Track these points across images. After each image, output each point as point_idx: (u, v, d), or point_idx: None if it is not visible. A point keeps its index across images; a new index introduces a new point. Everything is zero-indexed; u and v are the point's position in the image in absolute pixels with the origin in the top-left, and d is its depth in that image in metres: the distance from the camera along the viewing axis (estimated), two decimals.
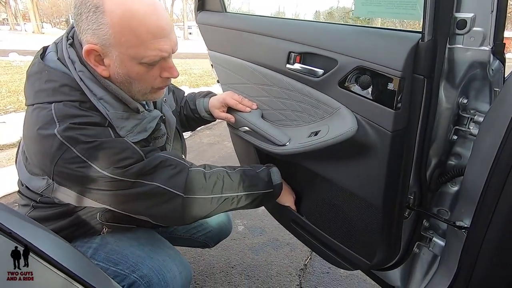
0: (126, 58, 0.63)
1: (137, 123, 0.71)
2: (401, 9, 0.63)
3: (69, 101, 0.63)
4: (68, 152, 0.60)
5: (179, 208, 0.70)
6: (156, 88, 0.72)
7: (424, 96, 0.62)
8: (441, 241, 0.77)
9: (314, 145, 0.78)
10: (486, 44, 0.56)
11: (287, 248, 1.61)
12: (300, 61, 0.82)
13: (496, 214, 0.57)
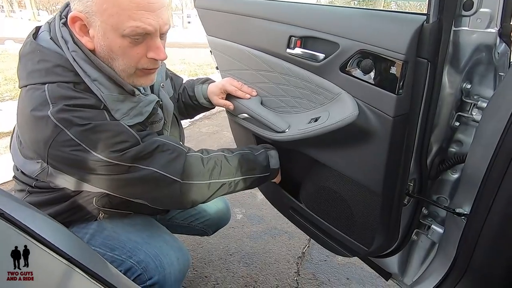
0: (108, 28, 0.60)
1: (133, 106, 0.69)
2: None
3: (63, 82, 0.61)
4: (62, 134, 0.58)
5: (177, 193, 0.69)
6: (142, 70, 0.67)
7: (427, 81, 0.60)
8: (439, 229, 0.77)
9: (314, 132, 0.76)
10: (493, 26, 0.54)
11: (285, 236, 1.62)
12: (301, 45, 0.80)
13: (497, 201, 0.57)
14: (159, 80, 0.84)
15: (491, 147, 0.56)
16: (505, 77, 0.55)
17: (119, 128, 0.64)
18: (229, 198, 1.93)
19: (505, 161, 0.53)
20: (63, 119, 0.58)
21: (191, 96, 1.03)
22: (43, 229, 0.47)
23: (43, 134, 0.59)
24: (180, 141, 0.97)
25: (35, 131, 0.60)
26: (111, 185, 0.66)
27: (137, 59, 0.65)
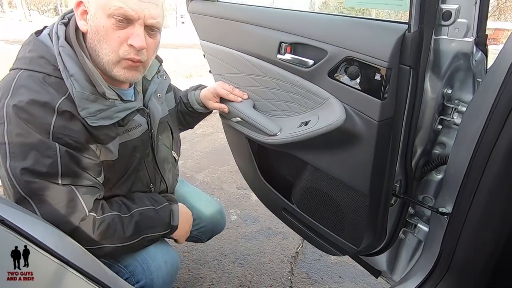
0: (99, 8, 0.65)
1: (103, 108, 0.69)
2: (390, 0, 0.64)
3: (37, 71, 0.65)
4: (1, 127, 0.61)
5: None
6: (126, 61, 0.69)
7: (410, 87, 0.63)
8: (425, 227, 0.80)
9: (304, 135, 0.79)
10: (469, 35, 0.57)
11: (279, 237, 1.65)
12: (291, 51, 0.82)
13: (475, 200, 0.60)
14: (153, 89, 0.85)
15: (470, 149, 0.59)
16: (482, 83, 0.58)
17: (48, 151, 0.62)
18: (223, 200, 1.96)
19: (483, 163, 0.56)
20: (10, 115, 0.61)
21: (185, 103, 1.05)
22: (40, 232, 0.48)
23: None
24: (173, 150, 0.97)
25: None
26: (3, 185, 0.65)
27: (118, 43, 0.67)
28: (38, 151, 0.61)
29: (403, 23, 0.62)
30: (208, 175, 2.30)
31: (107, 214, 0.71)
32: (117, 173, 0.78)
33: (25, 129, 0.61)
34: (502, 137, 0.53)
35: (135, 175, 0.82)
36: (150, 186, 0.88)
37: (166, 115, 0.92)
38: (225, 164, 2.45)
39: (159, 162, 0.89)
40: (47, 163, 0.62)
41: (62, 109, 0.64)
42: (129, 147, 0.77)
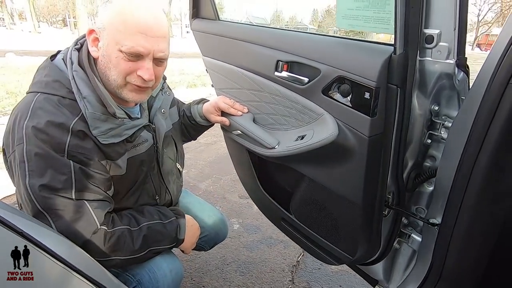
0: (111, 41, 0.69)
1: (113, 127, 0.74)
2: (376, 23, 0.68)
3: (52, 94, 0.70)
4: (20, 147, 0.66)
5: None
6: (131, 85, 0.73)
7: (398, 104, 0.67)
8: (418, 237, 0.83)
9: (300, 149, 0.83)
10: (451, 57, 0.61)
11: (281, 246, 1.67)
12: (287, 69, 0.87)
13: (462, 211, 0.63)
14: (157, 106, 0.90)
15: (456, 162, 0.63)
16: (465, 100, 0.62)
17: (63, 169, 0.66)
18: (225, 209, 2.00)
19: (466, 175, 0.60)
20: (29, 136, 0.66)
21: (188, 116, 1.10)
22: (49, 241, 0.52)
23: (14, 136, 0.68)
24: (177, 162, 1.02)
25: (12, 124, 0.70)
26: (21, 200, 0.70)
27: (127, 72, 0.72)
28: (54, 169, 0.66)
29: (389, 45, 0.66)
30: (211, 184, 2.34)
31: (117, 227, 0.75)
32: (125, 186, 0.82)
33: (43, 149, 0.65)
34: (483, 150, 0.56)
35: (142, 188, 0.87)
36: (156, 197, 0.92)
37: (170, 129, 0.97)
38: (228, 173, 2.49)
39: (164, 175, 0.94)
40: (62, 180, 0.66)
41: (76, 129, 0.68)
42: (137, 161, 0.82)
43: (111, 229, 0.74)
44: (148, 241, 0.79)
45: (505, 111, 0.51)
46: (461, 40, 0.59)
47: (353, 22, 0.73)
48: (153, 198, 0.91)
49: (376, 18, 0.68)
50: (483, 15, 39.72)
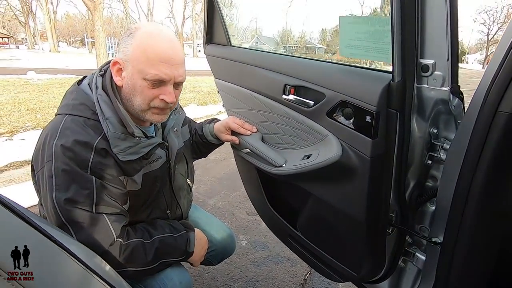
0: (135, 71, 0.77)
1: (131, 145, 0.80)
2: (376, 53, 0.74)
3: (79, 116, 0.78)
4: (49, 162, 0.73)
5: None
6: (153, 108, 0.80)
7: (398, 127, 0.72)
8: (422, 256, 0.84)
9: (306, 167, 0.87)
10: (445, 85, 0.66)
11: (288, 263, 1.68)
12: (294, 92, 0.93)
13: (461, 230, 0.66)
14: (170, 125, 0.97)
15: (453, 183, 0.66)
16: (460, 125, 0.66)
17: (86, 184, 0.73)
18: (233, 225, 2.02)
19: (463, 196, 0.63)
20: (57, 154, 0.72)
21: (200, 135, 1.17)
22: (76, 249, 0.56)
23: (44, 154, 0.75)
24: (187, 178, 1.07)
25: (42, 143, 0.77)
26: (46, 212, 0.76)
27: (151, 98, 0.79)
28: (78, 184, 0.72)
29: (388, 72, 0.71)
30: (220, 201, 2.38)
31: (132, 240, 0.80)
32: (140, 201, 0.88)
33: (69, 165, 0.72)
34: (478, 173, 0.60)
35: (155, 202, 0.92)
36: (167, 211, 0.97)
37: (181, 146, 1.03)
38: (237, 190, 2.53)
39: (176, 190, 0.99)
40: (85, 194, 0.72)
41: (99, 147, 0.75)
42: (151, 177, 0.88)
43: (126, 241, 0.79)
44: (160, 254, 0.83)
45: (495, 136, 0.55)
46: (454, 70, 0.64)
47: (355, 51, 0.79)
48: (165, 212, 0.96)
49: (376, 48, 0.74)
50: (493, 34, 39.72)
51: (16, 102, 5.21)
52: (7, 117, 4.20)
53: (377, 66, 0.97)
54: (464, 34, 46.48)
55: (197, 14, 38.88)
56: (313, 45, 29.35)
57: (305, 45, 29.65)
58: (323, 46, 27.85)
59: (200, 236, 0.99)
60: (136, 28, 0.79)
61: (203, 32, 1.28)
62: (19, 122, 4.01)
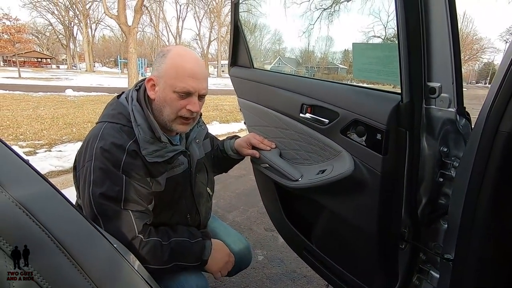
0: (167, 86, 0.89)
1: (157, 149, 0.90)
2: (387, 76, 0.80)
3: (116, 123, 0.90)
4: (89, 163, 0.84)
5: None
6: (180, 118, 0.92)
7: (407, 145, 0.76)
8: (436, 274, 0.85)
9: (321, 182, 0.93)
10: (452, 106, 0.71)
11: (304, 280, 1.68)
12: (311, 111, 1.00)
13: (471, 246, 0.67)
14: (193, 136, 1.08)
15: (462, 200, 0.69)
16: (467, 144, 0.69)
17: (118, 181, 0.83)
18: (251, 240, 2.05)
19: (471, 213, 0.66)
20: (97, 154, 0.84)
21: (221, 150, 1.26)
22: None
23: (86, 155, 0.87)
24: (208, 188, 1.14)
25: (85, 146, 0.88)
26: (82, 205, 0.85)
27: (179, 108, 0.90)
28: (111, 181, 0.83)
29: (398, 93, 0.77)
30: (238, 215, 2.43)
31: (152, 238, 0.86)
32: (163, 203, 0.96)
33: (105, 164, 0.83)
34: (484, 188, 0.62)
35: (176, 206, 1.01)
36: (187, 216, 1.05)
37: (202, 157, 1.13)
38: (255, 206, 2.57)
39: (196, 196, 1.07)
40: (116, 190, 0.83)
41: (130, 149, 0.86)
42: (173, 181, 0.97)
43: (146, 238, 0.85)
44: (175, 255, 0.88)
45: (498, 155, 0.58)
46: (459, 92, 0.69)
47: (367, 74, 0.86)
48: (185, 216, 1.04)
49: (386, 72, 0.80)
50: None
51: (55, 117, 5.65)
52: (47, 131, 4.57)
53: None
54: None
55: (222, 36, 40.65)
56: (335, 65, 29.51)
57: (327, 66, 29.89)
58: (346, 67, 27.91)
59: (219, 247, 1.03)
60: (167, 50, 0.93)
61: (229, 55, 1.40)
62: (57, 135, 4.35)
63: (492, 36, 71.07)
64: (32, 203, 0.41)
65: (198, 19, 47.02)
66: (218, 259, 1.00)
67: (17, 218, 0.39)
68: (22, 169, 0.45)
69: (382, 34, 11.51)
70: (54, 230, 0.41)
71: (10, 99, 7.89)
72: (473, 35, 48.06)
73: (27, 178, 0.44)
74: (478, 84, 56.67)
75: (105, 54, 58.79)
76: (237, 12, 1.26)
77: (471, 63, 51.97)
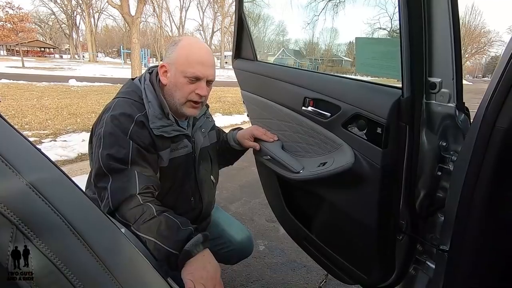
0: (178, 71, 0.96)
1: (165, 125, 0.97)
2: (388, 71, 0.81)
3: (129, 98, 0.98)
4: (101, 129, 0.92)
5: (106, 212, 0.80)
6: (190, 102, 0.98)
7: (407, 139, 0.78)
8: (432, 264, 0.88)
9: (321, 174, 0.95)
10: (451, 102, 0.72)
11: (304, 270, 1.72)
12: (313, 105, 1.01)
13: (466, 238, 0.70)
14: (199, 125, 1.12)
15: (458, 193, 0.70)
16: (465, 139, 0.71)
17: (125, 145, 0.89)
18: (252, 230, 2.09)
19: (467, 206, 0.67)
20: (107, 121, 0.92)
21: (224, 141, 1.28)
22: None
23: (98, 124, 0.96)
24: (211, 175, 1.18)
25: (99, 118, 0.98)
26: (92, 167, 0.93)
27: (189, 92, 0.98)
28: (119, 144, 0.89)
29: (399, 88, 0.78)
30: (240, 206, 2.47)
31: (148, 203, 0.84)
32: (167, 183, 1.00)
33: (114, 130, 0.90)
34: (479, 182, 0.64)
35: (180, 189, 1.05)
36: (191, 199, 1.08)
37: (207, 145, 1.16)
38: (257, 197, 2.61)
39: (199, 181, 1.10)
40: (123, 152, 0.89)
41: (138, 120, 0.93)
42: (177, 162, 1.01)
43: (143, 201, 0.84)
44: (156, 229, 0.79)
45: (494, 150, 0.60)
46: (459, 88, 0.70)
47: (370, 68, 0.87)
48: (189, 199, 1.08)
49: (388, 66, 0.81)
50: None
51: (59, 107, 5.69)
52: (52, 120, 4.61)
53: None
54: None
55: (226, 27, 40.25)
56: (339, 58, 29.18)
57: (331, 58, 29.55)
58: (350, 59, 27.60)
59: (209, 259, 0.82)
60: (179, 39, 1.01)
61: (232, 48, 1.40)
62: (61, 125, 4.39)
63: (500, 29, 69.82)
64: (45, 187, 0.43)
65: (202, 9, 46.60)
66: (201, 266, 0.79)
67: (33, 202, 0.42)
68: (36, 156, 0.47)
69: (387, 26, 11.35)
70: (66, 213, 0.44)
71: (15, 88, 7.93)
72: (481, 28, 47.30)
73: (40, 164, 0.47)
74: (484, 78, 55.90)
75: (108, 44, 58.54)
76: (241, 4, 1.26)
77: (478, 56, 51.34)
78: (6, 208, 0.38)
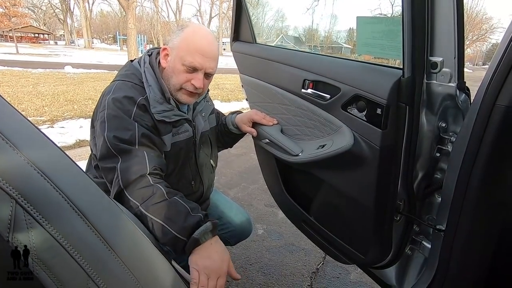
0: (177, 57, 0.95)
1: (165, 109, 0.96)
2: (389, 51, 0.80)
3: (129, 81, 0.96)
4: (103, 112, 0.90)
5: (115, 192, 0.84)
6: (184, 90, 0.97)
7: (407, 120, 0.77)
8: (428, 244, 0.89)
9: (320, 156, 0.95)
10: (452, 81, 0.71)
11: (302, 253, 1.75)
12: (313, 87, 1.00)
13: (462, 218, 0.71)
14: (199, 109, 1.11)
15: (456, 174, 0.71)
16: (465, 119, 0.71)
17: (130, 126, 0.89)
18: (251, 215, 2.12)
19: (464, 185, 0.68)
20: (109, 104, 0.90)
21: (223, 124, 1.27)
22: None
23: (99, 107, 0.94)
24: (211, 159, 1.18)
25: (98, 103, 0.96)
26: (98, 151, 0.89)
27: (184, 81, 0.95)
28: (124, 126, 0.88)
29: (399, 69, 0.77)
30: (239, 192, 2.48)
31: (158, 185, 0.82)
32: (169, 167, 0.99)
33: (118, 112, 0.89)
34: (476, 164, 0.65)
35: (182, 172, 1.05)
36: (192, 183, 1.09)
37: (207, 130, 1.15)
38: (255, 183, 2.63)
39: (200, 165, 1.11)
40: (129, 134, 0.88)
41: (140, 103, 0.92)
42: (178, 146, 1.01)
43: (153, 183, 0.82)
44: (166, 213, 0.78)
45: (493, 128, 0.60)
46: (460, 67, 0.69)
47: (371, 49, 0.85)
48: (190, 183, 1.08)
49: (389, 46, 0.80)
50: None
51: (56, 94, 5.63)
52: (49, 107, 4.57)
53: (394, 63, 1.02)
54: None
55: (224, 12, 39.44)
56: (339, 44, 28.79)
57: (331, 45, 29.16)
58: (350, 46, 27.25)
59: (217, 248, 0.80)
60: (186, 25, 0.99)
61: (231, 30, 1.37)
62: (58, 112, 4.36)
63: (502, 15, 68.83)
64: (44, 164, 0.43)
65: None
66: (205, 255, 0.77)
67: (32, 178, 0.41)
68: (35, 134, 0.46)
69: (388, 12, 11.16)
70: (66, 189, 0.44)
71: (9, 75, 7.81)
72: (483, 14, 46.58)
73: (39, 142, 0.46)
74: (485, 66, 55.53)
75: (104, 30, 57.37)
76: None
77: (479, 43, 50.80)
78: (5, 182, 0.38)
